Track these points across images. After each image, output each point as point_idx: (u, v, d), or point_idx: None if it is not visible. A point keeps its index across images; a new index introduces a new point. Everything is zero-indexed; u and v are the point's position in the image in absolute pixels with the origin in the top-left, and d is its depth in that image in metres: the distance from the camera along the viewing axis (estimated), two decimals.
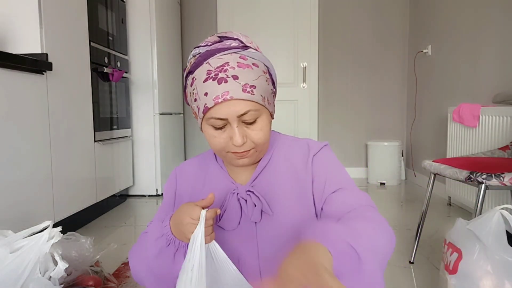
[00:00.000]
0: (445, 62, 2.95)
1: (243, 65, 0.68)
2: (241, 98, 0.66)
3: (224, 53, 0.69)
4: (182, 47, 3.79)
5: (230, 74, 0.66)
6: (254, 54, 0.71)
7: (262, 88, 0.70)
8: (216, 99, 0.66)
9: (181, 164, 0.87)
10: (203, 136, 3.96)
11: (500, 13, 2.25)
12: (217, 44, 0.72)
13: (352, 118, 3.89)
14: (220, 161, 0.82)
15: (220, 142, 0.70)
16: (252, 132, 0.70)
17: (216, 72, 0.67)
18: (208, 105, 0.67)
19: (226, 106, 0.66)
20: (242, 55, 0.70)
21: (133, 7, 2.95)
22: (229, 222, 0.75)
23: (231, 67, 0.67)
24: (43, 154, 1.85)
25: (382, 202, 2.93)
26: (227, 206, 0.75)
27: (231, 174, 0.81)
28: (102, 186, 2.46)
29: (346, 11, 3.80)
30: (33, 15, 1.84)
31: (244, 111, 0.67)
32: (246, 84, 0.67)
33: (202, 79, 0.68)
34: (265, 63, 0.73)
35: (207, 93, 0.67)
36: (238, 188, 0.76)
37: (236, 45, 0.71)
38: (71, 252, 1.29)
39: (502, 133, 2.00)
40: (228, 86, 0.66)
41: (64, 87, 2.04)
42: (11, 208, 1.62)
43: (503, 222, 1.06)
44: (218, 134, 0.70)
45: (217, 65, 0.67)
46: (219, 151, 0.73)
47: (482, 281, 1.03)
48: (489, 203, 2.07)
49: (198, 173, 0.84)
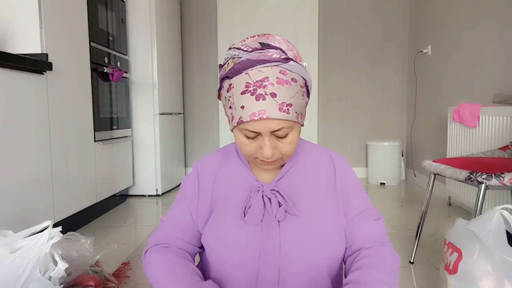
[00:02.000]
0: (445, 62, 2.95)
1: (282, 81, 0.68)
2: (277, 118, 0.68)
3: (265, 66, 0.69)
4: (182, 47, 3.79)
5: (269, 92, 0.67)
6: (294, 67, 0.71)
7: (298, 104, 0.71)
8: (252, 116, 0.68)
9: (202, 159, 0.88)
10: (203, 136, 3.95)
11: (500, 13, 2.25)
12: (258, 52, 0.70)
13: (352, 118, 3.89)
14: (243, 157, 0.84)
15: (250, 150, 0.74)
16: (282, 145, 0.73)
17: (255, 87, 0.68)
18: (243, 119, 0.69)
19: (260, 122, 0.69)
20: (282, 69, 0.69)
21: (133, 7, 2.96)
22: (253, 218, 0.76)
23: (270, 84, 0.67)
24: (43, 154, 1.85)
25: (382, 202, 2.93)
26: (252, 202, 0.77)
27: (254, 172, 0.83)
28: (102, 186, 2.46)
29: (346, 11, 3.80)
30: (33, 15, 1.84)
31: (277, 128, 0.70)
32: (283, 103, 0.68)
33: (240, 91, 0.69)
34: (304, 76, 0.73)
35: (244, 106, 0.68)
36: (263, 186, 0.79)
37: (278, 56, 0.70)
38: (71, 252, 1.29)
39: (502, 133, 2.00)
40: (266, 104, 0.67)
41: (64, 87, 2.04)
42: (11, 208, 1.62)
43: (503, 222, 1.06)
44: (249, 142, 0.73)
45: (256, 79, 0.68)
46: (247, 156, 0.76)
47: (482, 281, 1.03)
48: (489, 203, 2.07)
49: (220, 168, 0.85)
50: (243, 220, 0.77)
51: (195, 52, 3.86)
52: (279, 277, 0.75)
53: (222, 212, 0.80)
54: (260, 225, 0.77)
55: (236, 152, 0.86)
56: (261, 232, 0.76)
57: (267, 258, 0.75)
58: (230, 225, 0.78)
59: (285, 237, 0.76)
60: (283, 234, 0.76)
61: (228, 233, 0.77)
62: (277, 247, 0.75)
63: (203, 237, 0.82)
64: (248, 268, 0.76)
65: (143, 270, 1.68)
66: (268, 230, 0.77)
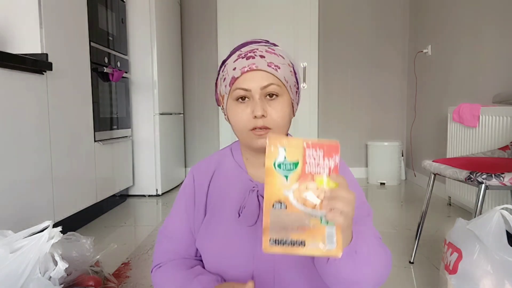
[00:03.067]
0: (445, 62, 2.95)
1: (271, 52, 0.76)
2: (266, 70, 0.73)
3: (255, 44, 0.78)
4: (182, 47, 3.79)
5: (258, 54, 0.74)
6: (282, 51, 0.79)
7: (286, 73, 0.76)
8: (243, 69, 0.73)
9: (197, 164, 0.89)
10: (203, 136, 3.96)
11: (500, 13, 2.25)
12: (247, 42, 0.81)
13: (352, 118, 3.89)
14: (238, 158, 0.84)
15: (243, 118, 0.74)
16: (273, 110, 0.74)
17: (246, 53, 0.75)
18: (235, 75, 0.74)
19: (251, 76, 0.73)
20: (270, 47, 0.78)
21: (133, 7, 2.96)
22: (248, 219, 0.76)
23: (259, 51, 0.75)
24: (43, 154, 1.85)
25: (382, 202, 2.93)
26: (247, 202, 0.77)
27: (250, 172, 0.83)
28: (102, 186, 2.46)
29: (346, 11, 3.80)
30: (33, 15, 1.84)
31: (267, 83, 0.73)
32: (271, 62, 0.74)
33: (233, 60, 0.76)
34: (291, 60, 0.80)
35: (236, 67, 0.74)
36: (258, 185, 0.79)
37: (265, 42, 0.80)
38: (71, 252, 1.29)
39: (502, 133, 2.00)
40: (255, 60, 0.73)
41: (64, 87, 2.04)
42: (11, 208, 1.62)
43: (503, 222, 1.06)
44: (241, 109, 0.74)
45: (247, 50, 0.76)
46: (241, 130, 0.76)
47: (482, 281, 1.03)
48: (489, 203, 2.07)
49: (215, 171, 0.85)
50: (238, 221, 0.77)
51: (195, 52, 3.86)
52: (275, 278, 0.75)
53: (217, 214, 0.80)
54: (255, 226, 0.76)
55: (231, 154, 0.86)
56: (256, 233, 0.76)
57: (261, 260, 0.75)
58: (224, 227, 0.78)
59: None
60: None
61: (222, 235, 0.77)
62: None
63: (197, 240, 0.82)
64: (243, 270, 0.76)
65: (143, 270, 1.68)
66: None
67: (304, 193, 0.58)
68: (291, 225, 0.57)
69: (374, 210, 0.88)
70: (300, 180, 0.58)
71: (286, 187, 0.58)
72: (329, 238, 0.57)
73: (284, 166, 0.58)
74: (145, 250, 1.92)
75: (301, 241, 0.57)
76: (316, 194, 0.58)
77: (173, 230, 0.85)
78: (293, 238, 0.57)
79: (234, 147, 0.86)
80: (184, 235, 0.84)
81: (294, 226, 0.57)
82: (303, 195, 0.58)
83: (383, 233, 2.17)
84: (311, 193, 0.58)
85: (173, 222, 0.86)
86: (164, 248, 0.86)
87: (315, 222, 0.57)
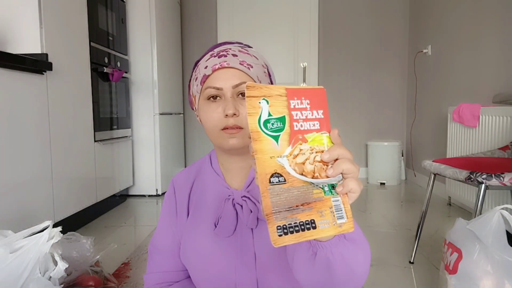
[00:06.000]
0: (445, 62, 2.95)
1: (243, 52, 0.74)
2: (238, 68, 0.70)
3: (228, 45, 0.76)
4: (182, 47, 3.79)
5: (231, 53, 0.72)
6: (256, 52, 0.77)
7: (259, 73, 0.73)
8: (214, 67, 0.70)
9: (177, 175, 0.86)
10: (203, 136, 3.95)
11: (500, 13, 2.25)
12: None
13: (352, 118, 3.89)
14: (216, 166, 0.80)
15: (214, 117, 0.70)
16: (245, 109, 0.71)
17: (218, 52, 0.73)
18: (206, 73, 0.71)
19: (223, 73, 0.70)
20: (244, 48, 0.76)
21: (133, 7, 2.96)
22: (225, 229, 0.73)
23: (232, 50, 0.73)
24: (43, 154, 1.85)
25: (382, 202, 2.93)
26: (222, 213, 0.73)
27: (227, 179, 0.79)
28: (102, 186, 2.46)
29: (346, 11, 3.80)
30: (33, 15, 1.84)
31: (239, 81, 0.70)
32: (244, 61, 0.71)
33: (205, 60, 0.74)
34: (265, 61, 0.77)
35: (207, 66, 0.72)
36: (234, 193, 0.75)
37: (239, 43, 0.78)
38: (71, 252, 1.29)
39: (502, 133, 2.00)
40: (227, 58, 0.71)
41: (64, 87, 2.04)
42: (11, 208, 1.62)
43: (503, 222, 1.06)
44: (212, 108, 0.71)
45: (219, 49, 0.74)
46: (212, 130, 0.72)
47: (482, 281, 1.03)
48: (489, 203, 2.07)
49: (195, 181, 0.83)
50: (216, 233, 0.74)
51: (195, 52, 3.86)
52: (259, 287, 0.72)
53: (196, 225, 0.77)
54: (233, 236, 0.73)
55: (209, 162, 0.82)
56: (236, 243, 0.73)
57: (243, 271, 0.72)
58: (204, 239, 0.75)
59: (259, 246, 0.72)
60: (257, 243, 0.72)
61: (201, 247, 0.75)
62: (252, 257, 0.72)
63: (180, 252, 0.80)
64: (225, 283, 0.73)
65: (143, 270, 1.68)
66: (242, 240, 0.73)
67: (298, 158, 0.47)
68: (295, 203, 0.46)
69: (374, 210, 0.88)
70: (292, 142, 0.47)
71: (279, 154, 0.46)
72: (338, 210, 0.47)
73: (271, 125, 0.47)
74: (145, 250, 1.92)
75: (310, 221, 0.45)
76: (312, 158, 0.47)
77: (161, 244, 0.83)
78: (302, 219, 0.45)
79: (213, 153, 0.82)
80: (172, 249, 0.82)
81: (299, 203, 0.46)
82: (298, 161, 0.47)
83: (383, 233, 2.17)
84: (306, 156, 0.47)
85: (159, 238, 0.83)
86: (156, 267, 0.83)
87: (318, 193, 0.47)
